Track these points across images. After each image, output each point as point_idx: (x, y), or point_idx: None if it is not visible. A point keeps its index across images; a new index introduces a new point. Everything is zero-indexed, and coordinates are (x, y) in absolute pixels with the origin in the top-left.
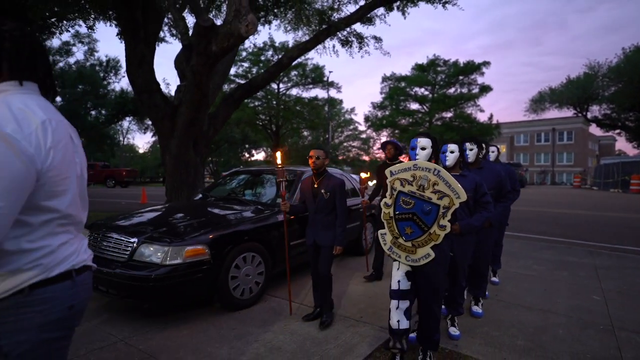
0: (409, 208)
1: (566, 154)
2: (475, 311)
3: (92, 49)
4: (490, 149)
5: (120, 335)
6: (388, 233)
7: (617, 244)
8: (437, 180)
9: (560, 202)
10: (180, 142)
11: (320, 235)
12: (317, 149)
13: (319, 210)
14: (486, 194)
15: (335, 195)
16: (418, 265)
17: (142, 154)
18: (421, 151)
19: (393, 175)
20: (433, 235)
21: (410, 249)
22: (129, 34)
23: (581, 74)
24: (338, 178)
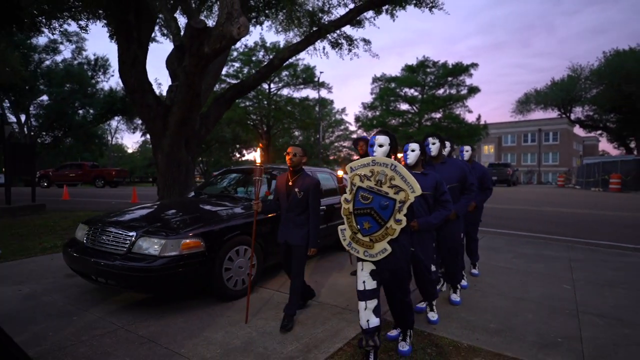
0: (367, 203)
1: (552, 154)
2: (454, 299)
3: (80, 48)
4: (465, 149)
5: (119, 323)
6: (347, 228)
7: (592, 239)
8: (394, 175)
9: (544, 201)
10: (172, 142)
11: (292, 235)
12: (295, 145)
13: (291, 209)
14: (445, 193)
15: (309, 195)
16: (379, 261)
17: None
18: (379, 148)
19: (353, 171)
20: (389, 229)
21: (368, 244)
22: (122, 34)
23: (565, 77)
24: (313, 178)
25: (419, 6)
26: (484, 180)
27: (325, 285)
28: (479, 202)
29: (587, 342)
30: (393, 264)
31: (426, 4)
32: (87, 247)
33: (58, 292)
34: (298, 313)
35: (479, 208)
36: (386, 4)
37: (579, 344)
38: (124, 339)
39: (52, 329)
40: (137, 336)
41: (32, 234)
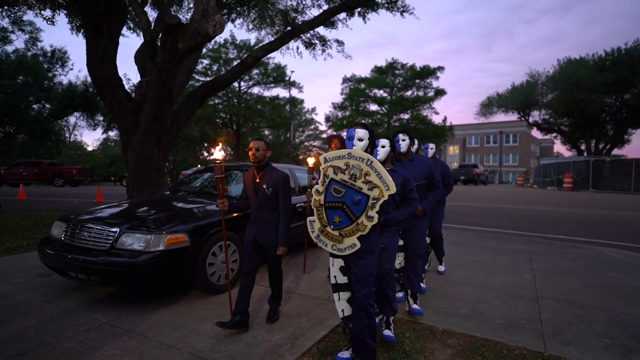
0: (339, 197)
1: (512, 155)
2: (415, 309)
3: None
4: (430, 146)
5: (103, 318)
6: (317, 221)
7: (549, 234)
8: (369, 170)
9: (505, 199)
10: (143, 139)
11: (263, 234)
12: (257, 139)
13: (262, 207)
14: (413, 191)
15: (279, 191)
16: (347, 256)
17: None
18: (358, 142)
19: (327, 162)
20: (360, 225)
21: (337, 238)
22: (90, 27)
23: (524, 82)
24: (281, 172)
25: (390, 10)
26: (445, 177)
27: (305, 278)
28: (441, 197)
29: (546, 323)
30: (362, 259)
31: (397, 9)
32: (66, 244)
33: (31, 290)
34: (283, 305)
35: (441, 203)
36: (359, 7)
37: (539, 324)
38: (111, 334)
39: (32, 327)
40: (123, 330)
41: None
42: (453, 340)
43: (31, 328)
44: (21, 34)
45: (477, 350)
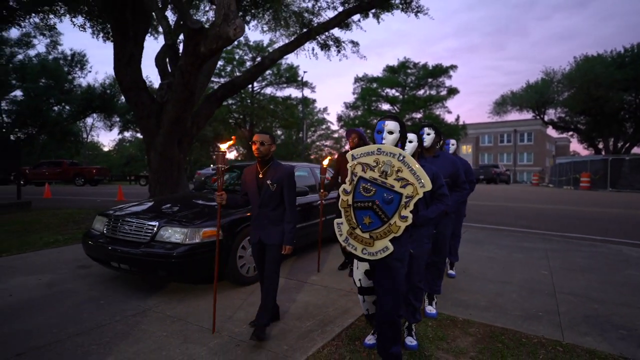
0: (369, 196)
1: (526, 154)
2: (429, 312)
3: (55, 42)
4: (451, 142)
5: (146, 305)
6: (345, 222)
7: (566, 232)
8: (402, 166)
9: (520, 198)
10: (165, 140)
11: (267, 233)
12: (261, 133)
13: (265, 204)
14: (443, 186)
15: (283, 187)
16: (376, 260)
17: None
18: (388, 135)
19: (355, 159)
20: (393, 226)
21: (368, 241)
22: (118, 33)
23: (539, 80)
24: (286, 167)
25: (405, 11)
26: (467, 174)
27: (325, 272)
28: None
29: (563, 315)
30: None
31: (412, 9)
32: (108, 237)
33: (77, 280)
34: (310, 296)
35: (463, 202)
36: (374, 8)
37: (557, 317)
38: (155, 318)
39: (85, 311)
40: (165, 315)
41: (27, 230)
42: (473, 329)
43: (84, 312)
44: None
45: (496, 338)
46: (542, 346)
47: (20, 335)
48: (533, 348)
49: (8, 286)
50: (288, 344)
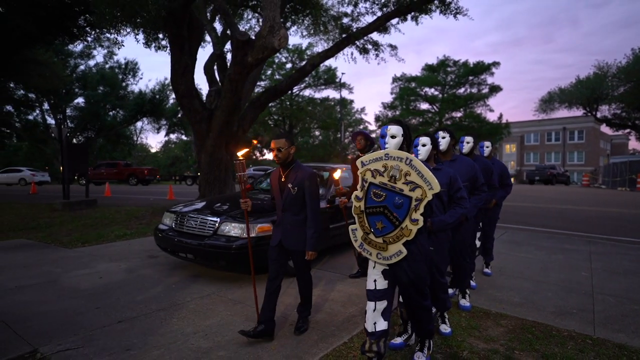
0: (380, 201)
1: (577, 153)
2: (463, 305)
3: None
4: (485, 144)
5: (209, 290)
6: (359, 228)
7: (614, 236)
8: (410, 170)
9: (567, 200)
10: (214, 143)
11: (289, 238)
12: (277, 138)
13: (287, 208)
14: (461, 189)
15: (305, 191)
16: (394, 263)
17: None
18: (391, 139)
19: (364, 166)
20: (405, 230)
21: (382, 246)
22: (175, 46)
23: (591, 74)
24: (307, 169)
25: (444, 12)
26: (503, 177)
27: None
28: (499, 198)
29: (598, 314)
30: (407, 264)
31: (451, 11)
32: (176, 230)
33: (149, 267)
34: (351, 285)
35: (498, 205)
36: (412, 12)
37: (592, 314)
38: (219, 301)
39: (161, 292)
40: (228, 299)
41: (98, 224)
42: (505, 321)
43: (161, 293)
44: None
45: (527, 330)
46: (571, 339)
47: (117, 308)
48: (562, 340)
49: (97, 270)
50: (335, 325)
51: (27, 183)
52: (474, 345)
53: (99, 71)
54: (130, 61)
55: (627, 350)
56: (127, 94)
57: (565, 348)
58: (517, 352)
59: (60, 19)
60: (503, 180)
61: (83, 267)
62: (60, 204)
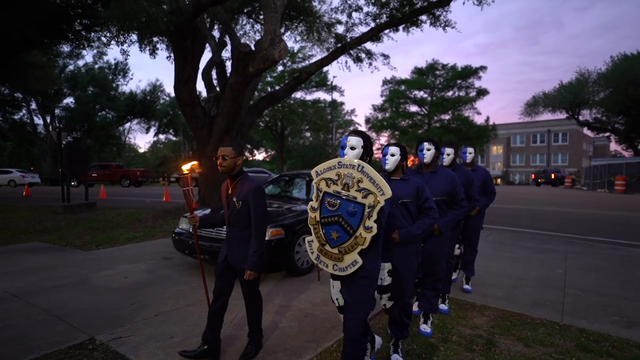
0: (334, 210)
1: (561, 154)
2: (423, 330)
3: (101, 52)
4: (468, 150)
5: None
6: (315, 240)
7: (590, 236)
8: (362, 176)
9: (549, 201)
10: (215, 148)
11: (234, 255)
12: (224, 145)
13: (233, 224)
14: (429, 200)
15: (250, 205)
16: (346, 275)
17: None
18: (350, 151)
19: (318, 176)
20: (359, 238)
21: (338, 256)
22: (180, 57)
23: (573, 79)
24: (253, 182)
25: (433, 25)
26: (486, 184)
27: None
28: (482, 206)
29: (567, 305)
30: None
31: (440, 24)
32: (193, 233)
33: (167, 268)
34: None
35: (481, 213)
36: (404, 23)
37: (561, 306)
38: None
39: (185, 290)
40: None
41: (105, 227)
42: (488, 312)
43: (185, 291)
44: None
45: (506, 319)
46: (542, 325)
47: (150, 304)
48: (535, 326)
49: (119, 271)
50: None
51: (17, 184)
52: (461, 331)
53: (88, 71)
54: (120, 62)
55: (586, 333)
56: (117, 94)
57: (536, 332)
58: (497, 336)
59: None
60: (486, 187)
61: (106, 268)
62: (61, 207)
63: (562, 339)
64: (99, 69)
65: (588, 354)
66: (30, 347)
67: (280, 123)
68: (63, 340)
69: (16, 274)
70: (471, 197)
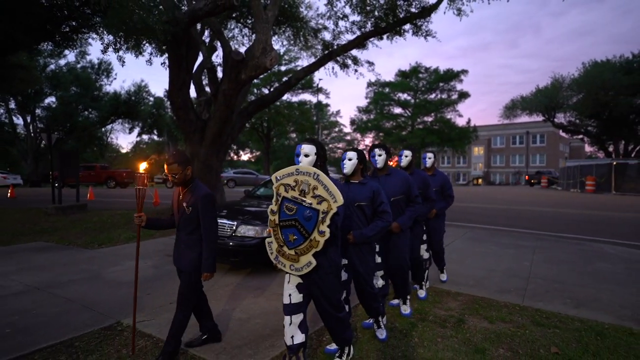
0: (291, 214)
1: (539, 155)
2: (404, 311)
3: (83, 52)
4: (427, 155)
5: (233, 281)
6: (274, 241)
7: (560, 233)
8: (317, 184)
9: (526, 201)
10: (207, 151)
11: (179, 258)
12: (169, 164)
13: (181, 228)
14: (383, 203)
15: (199, 211)
16: (305, 275)
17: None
18: (304, 158)
19: (278, 181)
20: (313, 242)
21: (294, 257)
22: (175, 64)
23: (548, 84)
24: (203, 189)
25: (415, 34)
26: (445, 188)
27: None
28: (440, 209)
29: (529, 291)
30: (319, 277)
31: (422, 33)
32: None
33: (170, 264)
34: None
35: (440, 216)
36: (387, 32)
37: (524, 292)
38: (243, 288)
39: None
40: (254, 288)
41: (102, 228)
42: (461, 297)
43: None
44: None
45: (476, 302)
46: (505, 307)
47: (164, 294)
48: (499, 308)
49: (127, 267)
50: None
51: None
52: (437, 313)
53: (71, 71)
54: (103, 61)
55: (541, 312)
56: (101, 94)
57: (500, 312)
58: (467, 316)
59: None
60: (444, 191)
61: (114, 264)
62: (53, 209)
63: (521, 317)
64: (81, 68)
65: (539, 327)
66: (67, 329)
67: (267, 124)
68: (94, 324)
69: (31, 270)
70: (428, 198)
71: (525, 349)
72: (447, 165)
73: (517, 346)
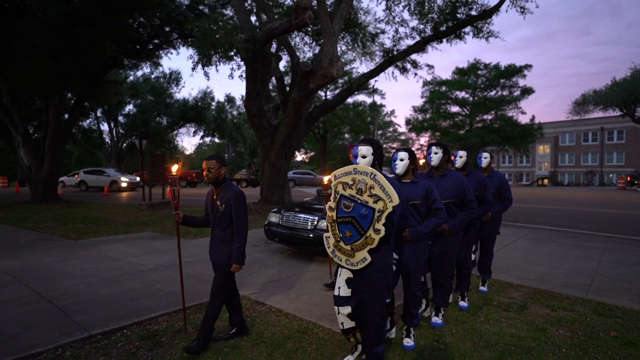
0: (348, 211)
1: (616, 153)
2: (435, 322)
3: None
4: (483, 155)
5: (303, 270)
6: (331, 236)
7: (634, 236)
8: (374, 184)
9: (597, 202)
10: (277, 154)
11: (216, 251)
12: (208, 159)
13: (216, 224)
14: (437, 201)
15: (232, 207)
16: (357, 270)
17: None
18: (362, 159)
19: (336, 179)
20: (369, 239)
21: (350, 253)
22: (251, 77)
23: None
24: (235, 188)
25: (477, 37)
26: (502, 190)
27: None
28: (496, 212)
29: (593, 287)
30: (368, 275)
31: (482, 36)
32: (283, 225)
33: (259, 252)
34: None
35: (496, 219)
36: (447, 36)
37: (588, 287)
38: (311, 278)
39: (276, 267)
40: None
41: None
42: (523, 289)
43: (276, 267)
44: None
45: (538, 294)
46: (568, 299)
47: (264, 274)
48: (561, 299)
49: None
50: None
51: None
52: (501, 300)
53: (146, 81)
54: (174, 71)
55: (604, 305)
56: (172, 101)
57: (562, 302)
58: (529, 304)
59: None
60: (502, 193)
61: None
62: (145, 205)
63: (583, 308)
64: (155, 78)
65: (601, 317)
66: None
67: (323, 126)
68: None
69: (153, 253)
70: (485, 201)
71: (585, 332)
72: (509, 165)
73: (577, 329)
